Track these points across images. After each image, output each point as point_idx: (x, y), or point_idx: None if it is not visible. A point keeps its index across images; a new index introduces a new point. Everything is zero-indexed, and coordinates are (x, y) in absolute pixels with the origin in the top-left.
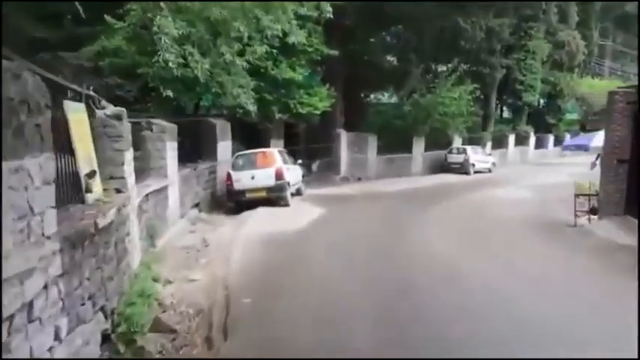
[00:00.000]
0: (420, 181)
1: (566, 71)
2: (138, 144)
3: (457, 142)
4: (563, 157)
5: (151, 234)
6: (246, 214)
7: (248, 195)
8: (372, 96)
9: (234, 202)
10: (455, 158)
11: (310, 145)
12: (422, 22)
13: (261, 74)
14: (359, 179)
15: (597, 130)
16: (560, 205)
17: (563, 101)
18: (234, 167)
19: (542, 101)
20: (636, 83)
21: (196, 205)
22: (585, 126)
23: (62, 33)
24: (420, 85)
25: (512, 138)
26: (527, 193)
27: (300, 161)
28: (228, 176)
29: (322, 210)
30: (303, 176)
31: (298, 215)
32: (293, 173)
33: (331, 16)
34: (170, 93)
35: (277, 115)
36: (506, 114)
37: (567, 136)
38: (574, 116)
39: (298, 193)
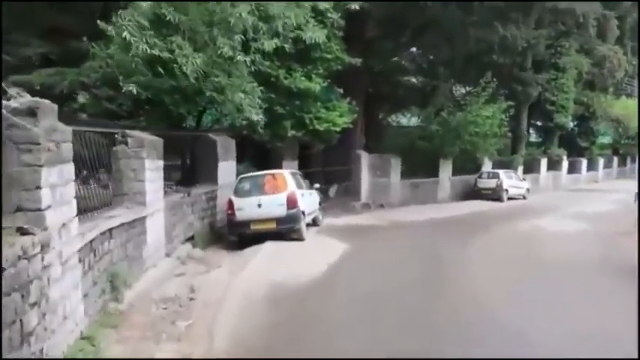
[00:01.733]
0: (448, 208)
1: (599, 91)
2: (110, 162)
3: (487, 166)
4: (597, 183)
5: (115, 285)
6: (250, 250)
7: (253, 227)
8: (392, 117)
9: (236, 235)
10: (486, 183)
11: (327, 168)
12: (451, 30)
13: (271, 84)
14: (381, 206)
15: None
16: (625, 241)
17: (596, 123)
18: (238, 193)
19: (573, 123)
20: None
21: (190, 239)
22: (619, 150)
23: (63, 48)
24: (449, 103)
25: (544, 162)
26: (575, 224)
27: (317, 185)
28: (230, 204)
29: (344, 246)
30: (319, 203)
31: (315, 253)
32: (309, 200)
33: (357, 7)
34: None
35: (290, 132)
36: (533, 137)
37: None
38: (607, 139)
39: (315, 223)
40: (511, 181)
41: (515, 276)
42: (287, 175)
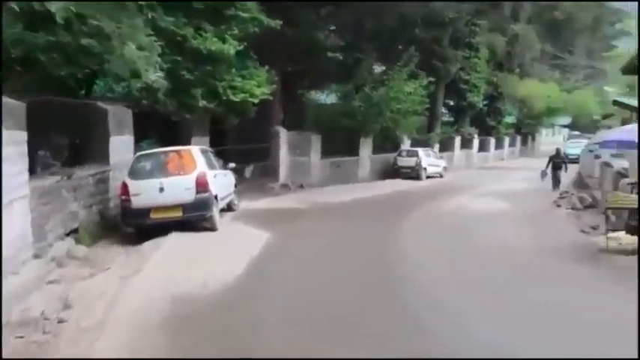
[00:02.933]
0: (371, 188)
1: (507, 71)
2: None
3: (406, 145)
4: (503, 161)
5: None
6: (150, 245)
7: (154, 216)
8: (310, 94)
9: (133, 226)
10: (405, 162)
11: (242, 146)
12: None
13: (177, 44)
14: (301, 187)
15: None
16: (552, 219)
17: (503, 103)
18: (134, 174)
19: (482, 103)
20: None
21: (73, 233)
22: (521, 129)
23: None
24: (370, 79)
25: (458, 141)
26: (499, 202)
27: (232, 165)
28: (124, 188)
29: (266, 235)
30: (235, 185)
31: (232, 247)
32: (222, 182)
33: None
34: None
35: (201, 102)
36: (446, 116)
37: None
38: (511, 119)
39: (230, 208)
40: (429, 159)
41: (461, 265)
42: (196, 152)
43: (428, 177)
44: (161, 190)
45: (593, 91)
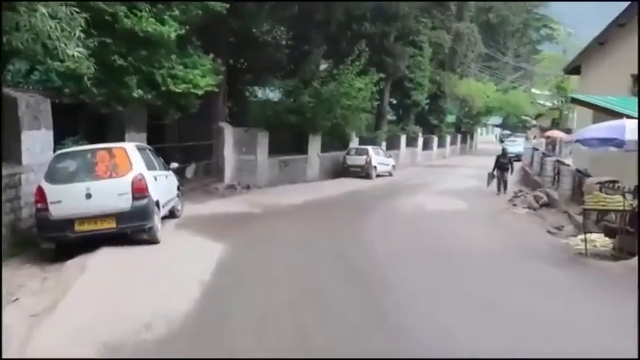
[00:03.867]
0: (321, 188)
1: (449, 70)
2: None
3: (354, 143)
4: (445, 159)
5: None
6: (73, 265)
7: (80, 228)
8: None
9: (52, 240)
10: (355, 160)
11: (183, 144)
12: None
13: (106, 25)
14: (248, 187)
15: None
16: (513, 219)
17: (445, 102)
18: (53, 177)
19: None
20: None
21: None
22: (461, 128)
23: None
24: (319, 73)
25: (403, 139)
26: (455, 201)
27: (175, 165)
28: (40, 194)
29: (218, 247)
30: (178, 188)
31: (179, 265)
32: (164, 185)
33: None
34: None
35: (136, 92)
36: (390, 114)
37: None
38: (451, 118)
39: (172, 214)
40: (379, 157)
41: (436, 272)
42: (131, 150)
43: (377, 175)
44: (88, 196)
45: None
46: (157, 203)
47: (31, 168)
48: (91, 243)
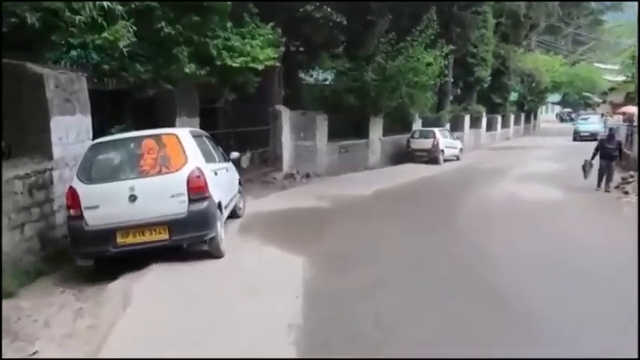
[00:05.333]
0: (387, 175)
1: (513, 44)
2: None
3: (417, 124)
4: (509, 141)
5: None
6: (116, 289)
7: (122, 240)
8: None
9: (89, 257)
10: (420, 144)
11: (237, 130)
12: None
13: None
14: (307, 176)
15: None
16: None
17: (509, 79)
18: (87, 174)
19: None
20: None
21: None
22: (524, 106)
23: None
24: (383, 47)
25: (467, 119)
26: (548, 189)
27: (236, 155)
28: (72, 197)
29: (298, 262)
30: (240, 182)
31: (254, 299)
32: (226, 181)
33: None
34: None
35: (188, 68)
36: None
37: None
38: (514, 96)
39: (233, 214)
40: (446, 140)
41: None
42: (185, 137)
43: (445, 160)
44: (132, 198)
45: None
46: (220, 205)
47: (65, 162)
48: (138, 259)
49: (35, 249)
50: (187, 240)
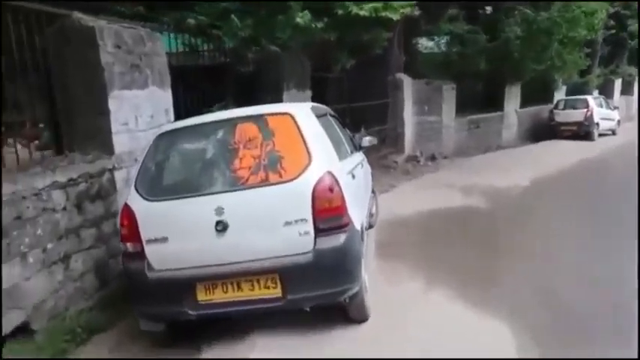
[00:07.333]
0: (532, 157)
1: None
2: None
3: (561, 92)
4: None
5: None
6: None
7: (205, 297)
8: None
9: (157, 320)
10: (568, 116)
11: (353, 104)
12: None
13: None
14: (432, 158)
15: None
16: None
17: None
18: (150, 185)
19: None
20: None
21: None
22: None
23: None
24: None
25: (618, 84)
26: None
27: (369, 140)
28: (129, 221)
29: (490, 327)
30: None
31: None
32: (362, 185)
33: None
34: None
35: (300, 17)
36: None
37: None
38: None
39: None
40: (601, 110)
41: None
42: (305, 119)
43: (599, 135)
44: (221, 226)
45: None
46: (362, 231)
47: (133, 157)
48: (231, 323)
49: (90, 290)
50: (313, 300)
